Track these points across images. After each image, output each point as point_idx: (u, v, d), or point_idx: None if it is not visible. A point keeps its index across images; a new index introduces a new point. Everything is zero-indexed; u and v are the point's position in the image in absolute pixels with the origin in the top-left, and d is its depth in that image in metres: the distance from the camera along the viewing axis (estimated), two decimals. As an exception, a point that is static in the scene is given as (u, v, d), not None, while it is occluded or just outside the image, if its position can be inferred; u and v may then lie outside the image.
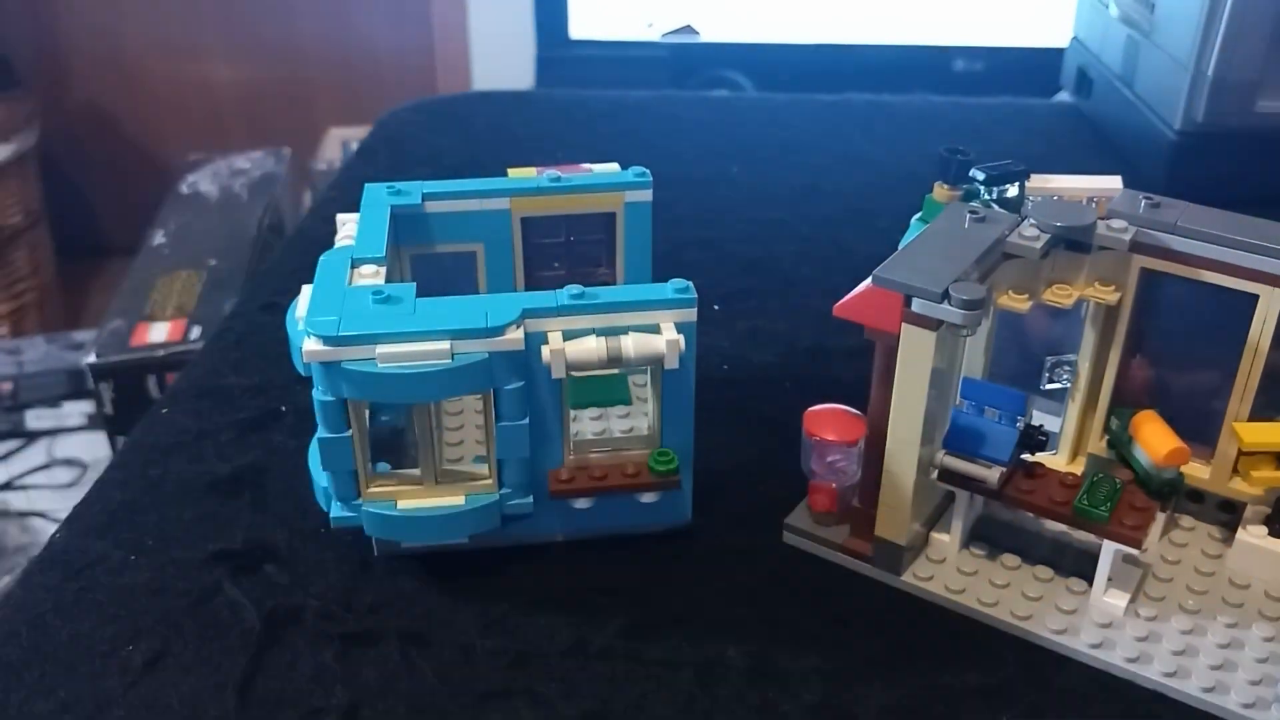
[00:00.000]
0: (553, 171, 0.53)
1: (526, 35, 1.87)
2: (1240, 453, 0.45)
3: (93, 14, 2.05)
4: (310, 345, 0.41)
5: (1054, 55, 1.06)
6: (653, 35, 1.84)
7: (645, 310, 0.43)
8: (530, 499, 0.45)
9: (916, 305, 0.39)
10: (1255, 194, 0.56)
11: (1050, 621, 0.43)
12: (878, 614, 0.44)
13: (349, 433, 0.43)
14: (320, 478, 0.45)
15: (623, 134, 0.92)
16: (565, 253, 0.55)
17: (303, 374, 0.43)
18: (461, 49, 2.00)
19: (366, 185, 0.52)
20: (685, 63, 1.81)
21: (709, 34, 1.84)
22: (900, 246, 0.43)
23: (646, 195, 0.53)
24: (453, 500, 0.44)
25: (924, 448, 0.42)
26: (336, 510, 0.45)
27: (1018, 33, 1.74)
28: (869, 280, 0.40)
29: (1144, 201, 0.44)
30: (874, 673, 0.41)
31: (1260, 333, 0.43)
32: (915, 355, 0.40)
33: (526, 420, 0.43)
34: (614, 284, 0.55)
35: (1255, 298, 0.43)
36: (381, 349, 0.41)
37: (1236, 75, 0.74)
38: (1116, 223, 0.44)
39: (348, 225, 0.50)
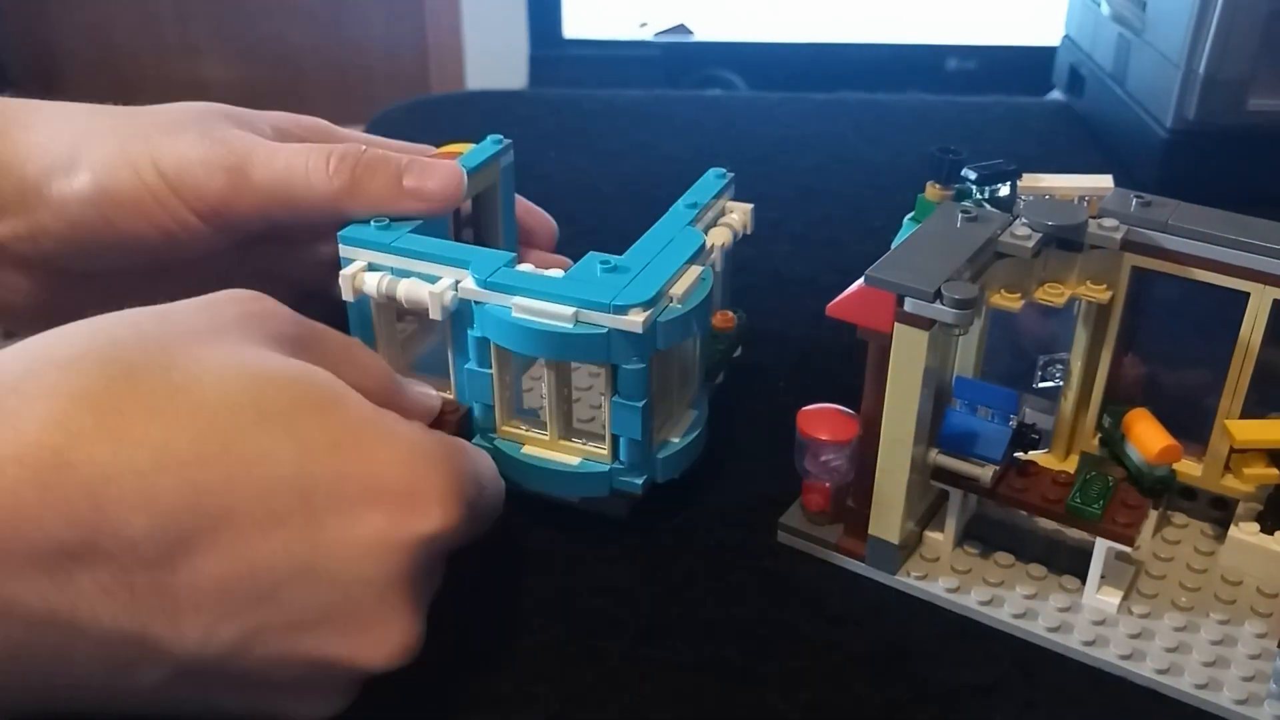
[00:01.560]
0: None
1: (520, 35, 1.87)
2: (1232, 450, 0.45)
3: (85, 14, 2.05)
4: (465, 283, 0.45)
5: (1046, 54, 1.06)
6: (646, 34, 1.84)
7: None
8: (641, 480, 0.46)
9: (909, 305, 0.39)
10: (1247, 192, 0.56)
11: (1044, 619, 0.43)
12: (872, 613, 0.44)
13: (489, 370, 0.46)
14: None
15: (615, 133, 0.92)
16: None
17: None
18: (455, 48, 2.00)
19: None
20: (678, 62, 1.81)
21: (702, 33, 1.85)
22: (893, 246, 0.43)
23: (509, 157, 0.57)
24: (568, 459, 0.46)
25: (917, 447, 0.43)
26: (476, 438, 0.48)
27: (1009, 31, 1.75)
28: (861, 280, 0.41)
29: (1135, 200, 0.45)
30: (868, 671, 0.41)
31: (1251, 330, 0.44)
32: (908, 355, 0.40)
33: (642, 403, 0.44)
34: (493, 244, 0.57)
35: (1246, 296, 0.43)
36: (518, 300, 0.44)
37: (1228, 73, 0.74)
38: (1108, 221, 0.44)
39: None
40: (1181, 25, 0.75)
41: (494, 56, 1.93)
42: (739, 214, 0.54)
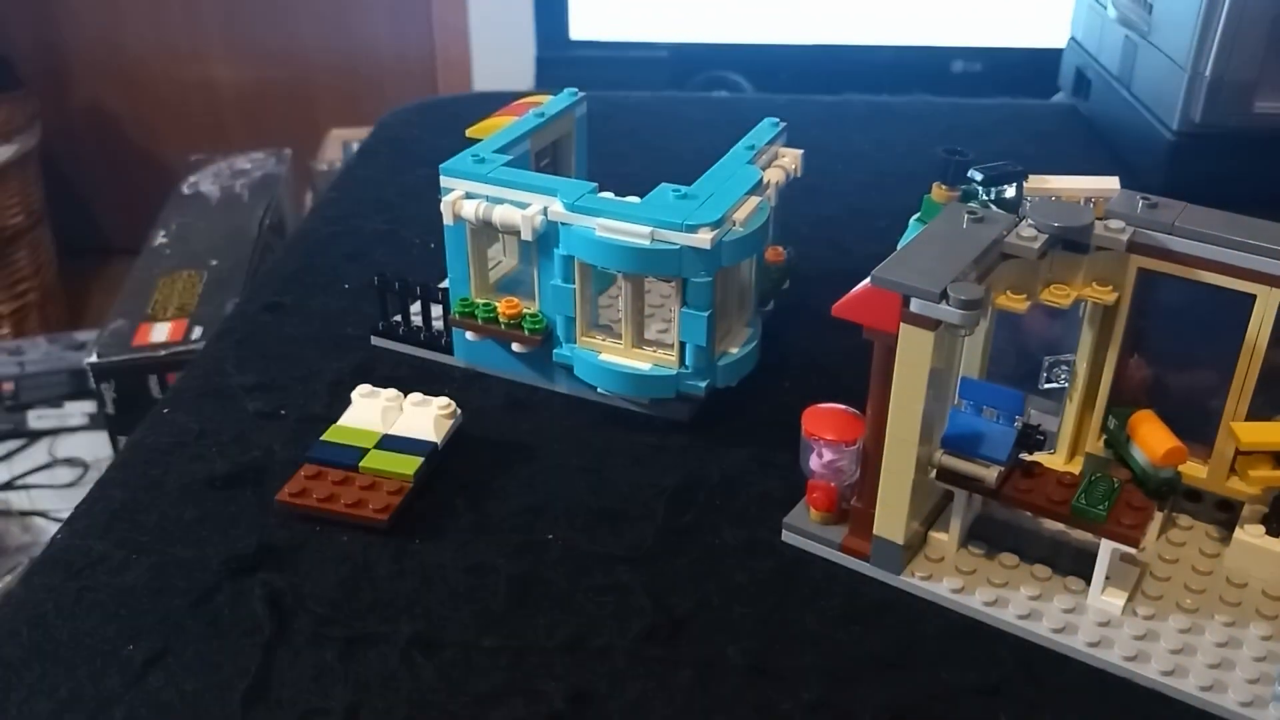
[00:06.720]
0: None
1: (527, 36, 1.87)
2: (1238, 452, 0.45)
3: (94, 15, 2.05)
4: (554, 207, 0.51)
5: (1052, 56, 1.06)
6: (653, 36, 1.84)
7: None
8: (704, 384, 0.53)
9: (915, 305, 0.40)
10: (1253, 194, 0.56)
11: (1048, 620, 0.43)
12: (876, 613, 0.44)
13: (573, 285, 0.52)
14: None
15: (622, 135, 0.92)
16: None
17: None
18: (462, 50, 2.00)
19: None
20: (685, 63, 1.81)
21: (709, 35, 1.85)
22: (899, 247, 0.43)
23: (584, 108, 0.66)
24: (640, 364, 0.53)
25: (922, 447, 0.43)
26: (557, 349, 0.55)
27: (1016, 34, 1.75)
28: (867, 280, 0.41)
29: (1141, 202, 0.45)
30: (872, 672, 0.42)
31: (1257, 332, 0.44)
32: (914, 355, 0.40)
33: (708, 313, 0.50)
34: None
35: (1252, 298, 0.43)
36: (600, 221, 0.50)
37: (1234, 76, 0.74)
38: (1114, 223, 0.44)
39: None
40: (1187, 28, 0.75)
41: (501, 58, 1.93)
42: (790, 158, 0.60)
